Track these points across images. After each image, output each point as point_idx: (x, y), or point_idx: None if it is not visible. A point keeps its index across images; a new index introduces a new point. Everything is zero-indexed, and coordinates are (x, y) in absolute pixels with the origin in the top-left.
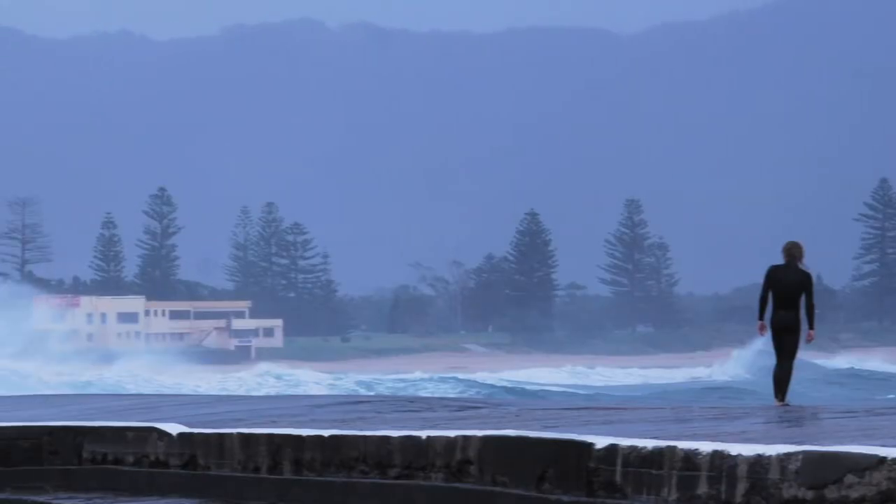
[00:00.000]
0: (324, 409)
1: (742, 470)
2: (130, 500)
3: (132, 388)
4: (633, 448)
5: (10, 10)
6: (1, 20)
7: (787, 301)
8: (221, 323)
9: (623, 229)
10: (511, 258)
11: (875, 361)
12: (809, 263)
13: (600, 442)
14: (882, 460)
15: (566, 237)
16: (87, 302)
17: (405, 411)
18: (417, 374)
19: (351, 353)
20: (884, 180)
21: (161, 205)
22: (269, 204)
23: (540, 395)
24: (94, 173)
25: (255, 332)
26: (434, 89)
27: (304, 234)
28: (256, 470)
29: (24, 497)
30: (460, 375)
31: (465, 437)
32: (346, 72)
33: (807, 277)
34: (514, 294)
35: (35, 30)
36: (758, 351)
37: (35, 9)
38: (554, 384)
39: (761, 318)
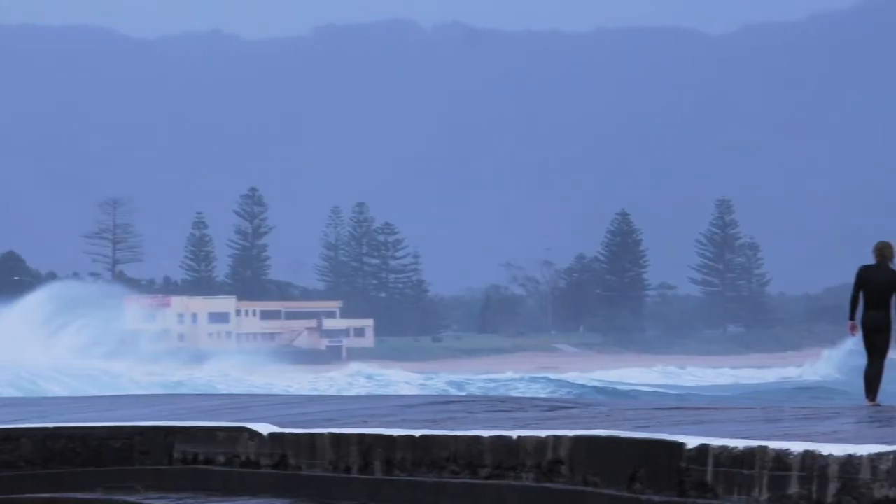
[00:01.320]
0: (414, 409)
1: (833, 470)
2: (221, 500)
3: (223, 388)
4: (724, 448)
5: (102, 10)
6: (93, 20)
7: (878, 301)
8: (312, 323)
9: (714, 229)
10: (602, 258)
11: None
12: None
13: (691, 442)
14: None
15: (657, 237)
16: (179, 302)
17: (496, 411)
18: (508, 374)
19: (442, 353)
20: None
21: (252, 205)
22: (360, 204)
23: (631, 395)
24: (186, 173)
25: (345, 332)
26: (525, 89)
27: (395, 233)
28: (347, 470)
29: (116, 497)
30: (551, 375)
31: (556, 437)
32: (437, 71)
33: None
34: (605, 294)
35: (127, 30)
36: (848, 351)
37: (127, 9)
38: (645, 384)
39: (852, 318)
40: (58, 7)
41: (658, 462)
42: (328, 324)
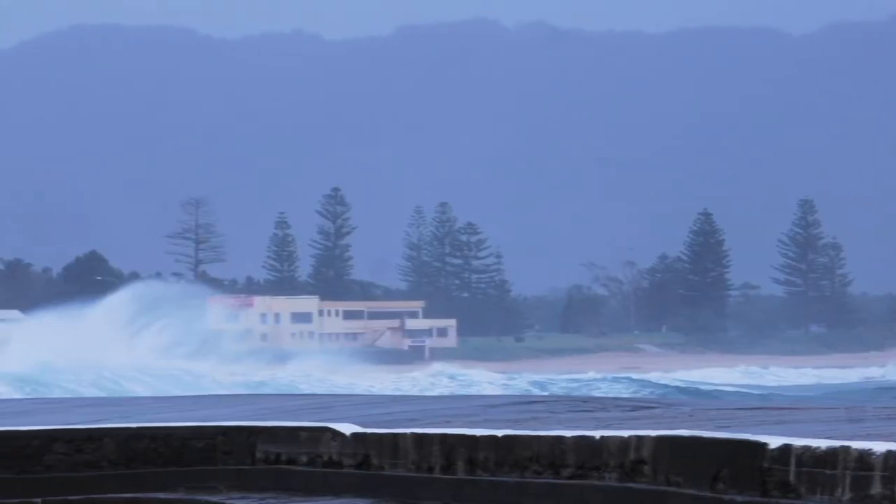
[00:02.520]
0: (497, 409)
1: None
2: (303, 500)
3: (306, 388)
4: (806, 448)
5: (183, 10)
6: (175, 20)
7: None
8: (395, 323)
9: (796, 229)
10: (685, 258)
11: None
12: None
13: (774, 442)
14: None
15: (740, 237)
16: (261, 302)
17: (579, 411)
18: (591, 374)
19: (524, 353)
20: None
21: (335, 205)
22: (443, 204)
23: (713, 395)
24: (268, 173)
25: (428, 332)
26: (607, 88)
27: (478, 233)
28: (430, 470)
29: (198, 497)
30: (634, 375)
31: (639, 437)
32: (520, 71)
33: None
34: (688, 294)
35: (209, 30)
36: None
37: (209, 9)
38: (727, 384)
39: None
40: (140, 7)
41: (741, 462)
42: (411, 324)
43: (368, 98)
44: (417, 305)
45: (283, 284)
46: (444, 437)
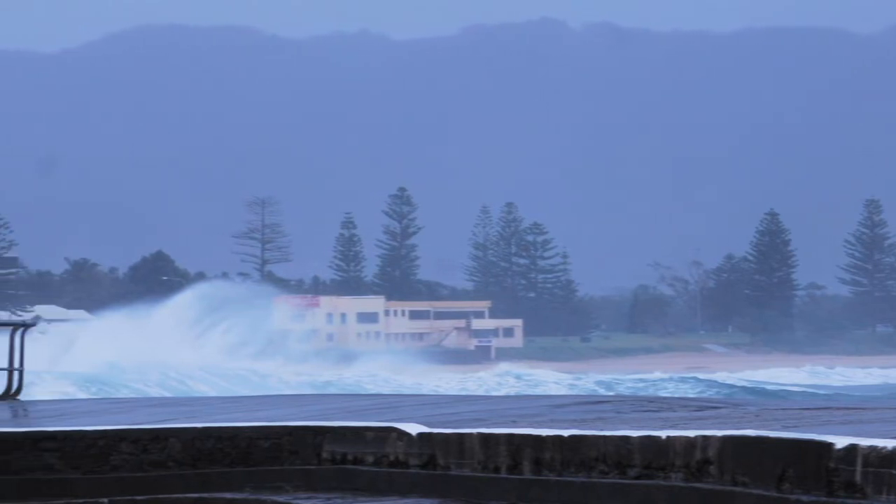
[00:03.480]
0: (563, 409)
1: None
2: (370, 500)
3: (372, 388)
4: (872, 448)
5: (250, 9)
6: (240, 20)
7: None
8: (461, 323)
9: (863, 229)
10: (751, 258)
11: None
12: None
13: (840, 442)
14: None
15: (806, 237)
16: (327, 302)
17: (645, 411)
18: (657, 374)
19: (591, 353)
20: None
21: (401, 205)
22: (509, 204)
23: (780, 394)
24: (334, 173)
25: (495, 332)
26: (674, 89)
27: (544, 233)
28: (496, 470)
29: (264, 497)
30: (700, 375)
31: (705, 437)
32: (586, 71)
33: None
34: (754, 294)
35: (275, 29)
36: None
37: (275, 9)
38: (794, 384)
39: None
40: (206, 7)
41: (806, 462)
42: (477, 324)
43: (435, 98)
44: (484, 305)
45: (349, 284)
46: (510, 437)
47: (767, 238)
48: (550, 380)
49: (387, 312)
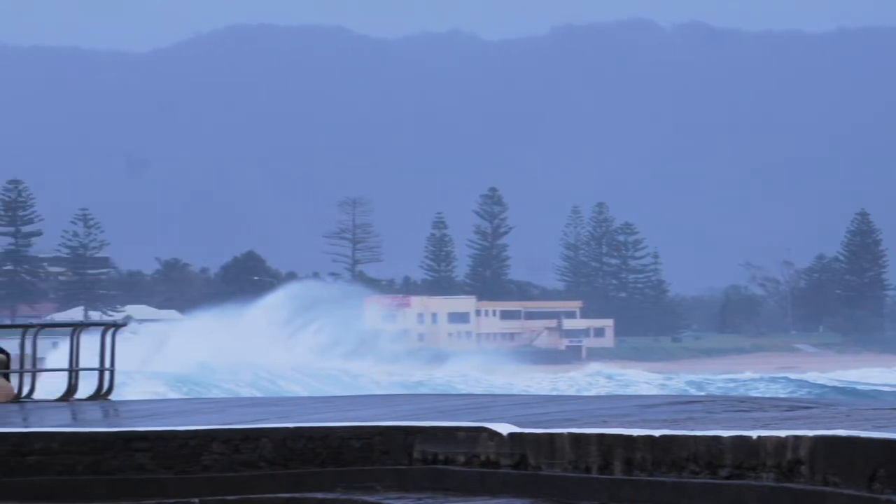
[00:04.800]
0: (654, 409)
1: None
2: (461, 500)
3: (463, 388)
4: None
5: (339, 10)
6: (330, 20)
7: None
8: (552, 323)
9: None
10: (842, 258)
11: None
12: None
13: None
14: None
15: None
16: (418, 302)
17: (736, 411)
18: (748, 374)
19: (681, 353)
20: None
21: (492, 205)
22: (600, 203)
23: (871, 394)
24: (425, 173)
25: (586, 332)
26: (763, 89)
27: (635, 233)
28: (587, 470)
29: (355, 496)
30: (791, 375)
31: (796, 437)
32: (676, 71)
33: None
34: (845, 294)
35: (365, 30)
36: None
37: (365, 9)
38: (885, 384)
39: None
40: (296, 7)
41: None
42: (568, 324)
43: (525, 98)
44: (575, 305)
45: (440, 284)
46: (601, 437)
47: (858, 238)
48: (641, 380)
49: (478, 312)
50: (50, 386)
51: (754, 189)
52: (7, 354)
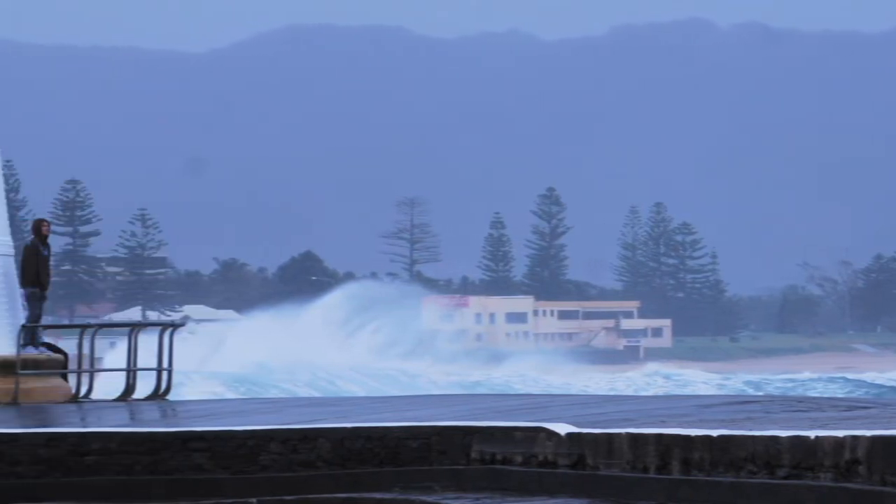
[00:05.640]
0: (712, 409)
1: None
2: (518, 500)
3: (521, 388)
4: None
5: (398, 10)
6: (390, 20)
7: None
8: (610, 323)
9: None
10: None
11: None
12: None
13: None
14: None
15: None
16: (476, 302)
17: (793, 411)
18: (806, 374)
19: (739, 353)
20: None
21: (550, 204)
22: (658, 203)
23: None
24: (483, 173)
25: (643, 332)
26: (823, 89)
27: (693, 233)
28: (645, 470)
29: (413, 496)
30: (849, 375)
31: (854, 437)
32: (735, 71)
33: None
34: None
35: (424, 29)
36: None
37: (424, 9)
38: None
39: None
40: (355, 7)
41: None
42: (626, 324)
43: (583, 97)
44: (633, 305)
45: (498, 284)
46: (659, 437)
47: None
48: (699, 380)
49: (536, 312)
50: (108, 386)
51: (812, 189)
52: (65, 354)
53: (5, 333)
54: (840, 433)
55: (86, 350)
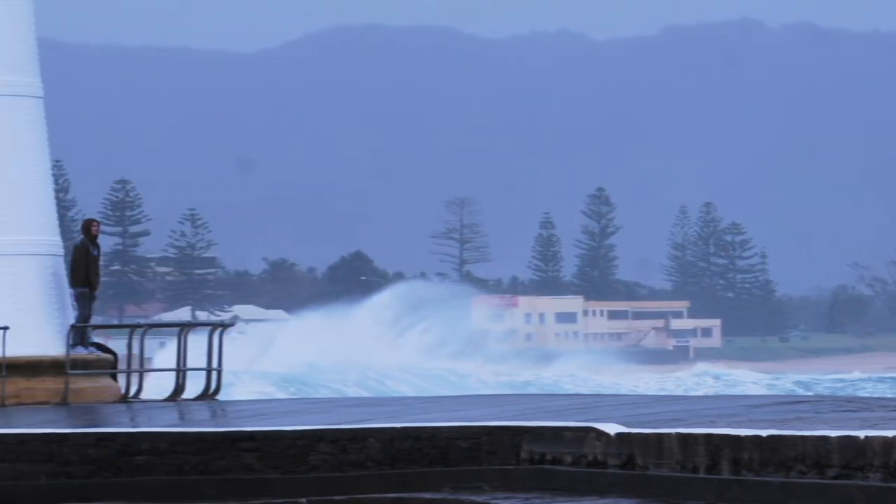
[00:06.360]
0: (762, 409)
1: None
2: (568, 500)
3: (570, 388)
4: None
5: (448, 10)
6: (439, 20)
7: None
8: (660, 323)
9: None
10: None
11: None
12: None
13: None
14: None
15: None
16: (526, 302)
17: (843, 411)
18: (855, 374)
19: (789, 353)
20: None
21: (599, 204)
22: (708, 204)
23: None
24: (532, 173)
25: (693, 332)
26: (874, 89)
27: (743, 233)
28: (694, 470)
29: (462, 496)
30: None
31: None
32: (784, 71)
33: None
34: None
35: (474, 29)
36: None
37: (474, 9)
38: None
39: None
40: (405, 7)
41: None
42: (676, 324)
43: (633, 97)
44: (682, 305)
45: (547, 284)
46: (708, 437)
47: None
48: (748, 380)
49: (585, 312)
50: (157, 386)
51: (862, 189)
52: (115, 354)
53: (55, 334)
54: (890, 433)
55: (135, 350)
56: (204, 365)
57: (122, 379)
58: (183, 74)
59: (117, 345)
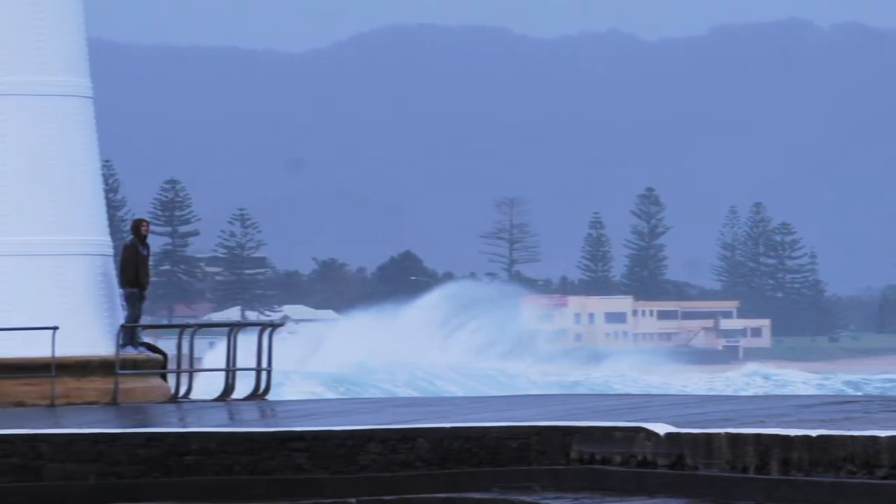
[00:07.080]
0: (811, 409)
1: None
2: (618, 500)
3: (619, 388)
4: None
5: (498, 10)
6: (490, 20)
7: None
8: (709, 323)
9: None
10: None
11: None
12: None
13: None
14: None
15: None
16: (576, 302)
17: (893, 411)
18: None
19: (839, 353)
20: None
21: (649, 205)
22: (757, 204)
23: None
24: (582, 173)
25: (742, 332)
26: None
27: (793, 233)
28: (744, 470)
29: (512, 496)
30: None
31: None
32: (834, 71)
33: None
34: None
35: (524, 29)
36: None
37: (524, 9)
38: None
39: None
40: (456, 7)
41: None
42: (725, 324)
43: (682, 97)
44: (732, 305)
45: (597, 284)
46: (758, 437)
47: None
48: (798, 380)
49: (635, 312)
50: (207, 386)
51: None
52: (164, 354)
53: (105, 334)
54: None
55: (185, 350)
56: (253, 365)
57: (171, 379)
58: (233, 74)
59: (167, 345)
